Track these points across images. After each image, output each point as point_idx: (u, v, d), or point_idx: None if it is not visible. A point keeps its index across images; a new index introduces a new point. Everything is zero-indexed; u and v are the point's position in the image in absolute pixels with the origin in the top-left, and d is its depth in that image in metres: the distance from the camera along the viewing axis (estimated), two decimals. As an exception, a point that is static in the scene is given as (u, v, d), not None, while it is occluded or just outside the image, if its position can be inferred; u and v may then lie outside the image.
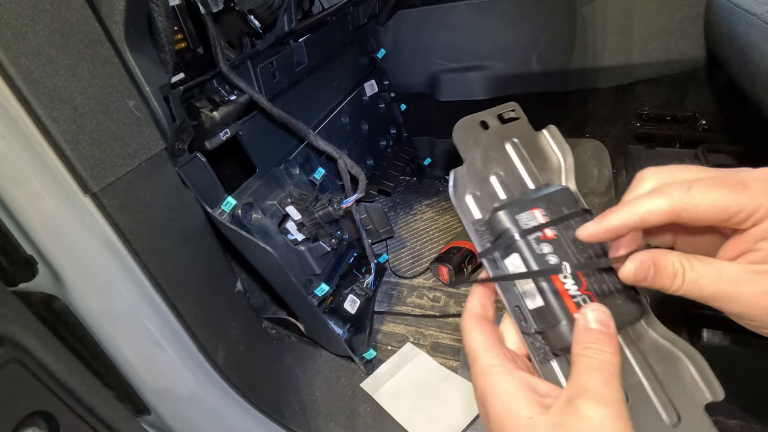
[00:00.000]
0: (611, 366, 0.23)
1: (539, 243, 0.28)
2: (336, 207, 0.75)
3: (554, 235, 0.28)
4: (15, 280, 0.51)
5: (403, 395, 0.73)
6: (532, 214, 0.28)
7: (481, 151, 0.33)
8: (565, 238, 0.28)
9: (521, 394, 0.24)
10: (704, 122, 1.10)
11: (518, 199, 0.30)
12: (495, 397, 0.24)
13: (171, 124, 0.53)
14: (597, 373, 0.23)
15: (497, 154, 0.33)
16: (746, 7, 0.67)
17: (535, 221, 0.28)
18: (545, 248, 0.27)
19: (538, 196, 0.29)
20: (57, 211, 0.46)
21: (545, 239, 0.28)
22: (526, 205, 0.29)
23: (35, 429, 0.31)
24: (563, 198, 0.29)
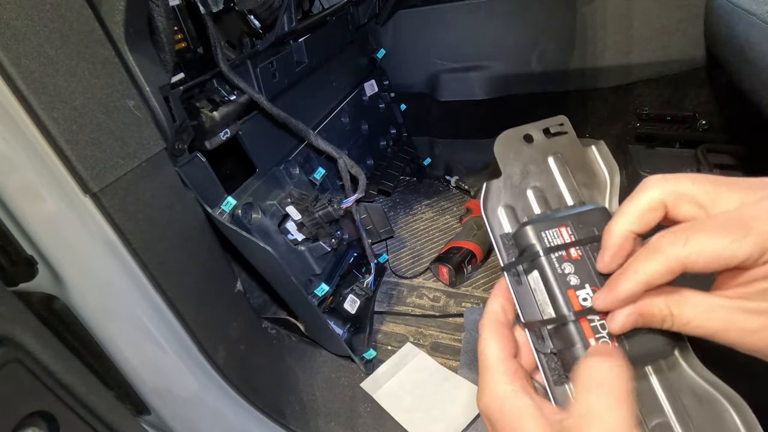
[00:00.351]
0: (618, 380, 0.21)
1: (562, 263, 0.27)
2: (336, 207, 0.75)
3: (578, 256, 0.27)
4: (15, 280, 0.51)
5: (403, 395, 0.73)
6: (559, 232, 0.28)
7: (521, 165, 0.32)
8: (590, 260, 0.27)
9: (532, 418, 0.23)
10: (704, 122, 1.10)
11: (548, 216, 0.29)
12: (504, 416, 0.24)
13: (171, 124, 0.53)
14: (602, 391, 0.21)
15: (538, 168, 0.32)
16: (746, 7, 0.67)
17: (561, 239, 0.27)
18: (567, 268, 0.27)
19: (569, 213, 0.28)
20: (57, 211, 0.46)
21: (569, 259, 0.27)
22: (554, 223, 0.28)
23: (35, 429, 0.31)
24: (596, 218, 0.28)
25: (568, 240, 0.27)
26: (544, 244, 0.28)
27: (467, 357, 0.79)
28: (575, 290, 0.26)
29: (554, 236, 0.28)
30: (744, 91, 0.75)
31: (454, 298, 0.95)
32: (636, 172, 1.13)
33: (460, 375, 0.76)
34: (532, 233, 0.28)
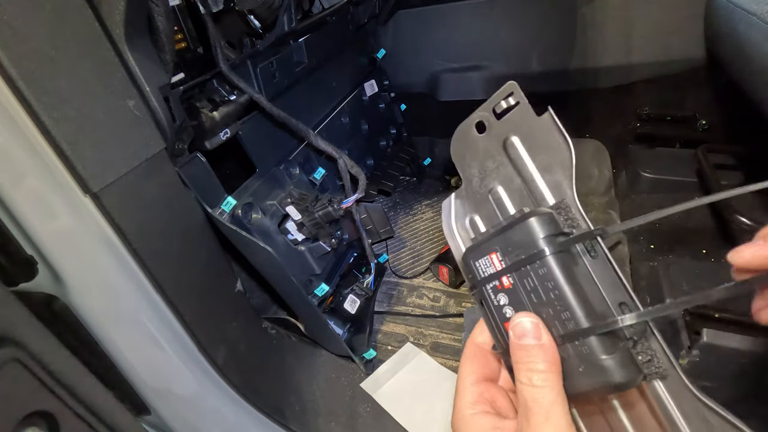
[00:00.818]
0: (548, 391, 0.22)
1: (497, 293, 0.26)
2: (336, 207, 0.75)
3: (510, 284, 0.25)
4: (15, 280, 0.51)
5: (403, 395, 0.73)
6: (490, 260, 0.26)
7: (479, 164, 0.30)
8: (522, 287, 0.25)
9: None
10: (704, 122, 1.10)
11: (486, 238, 0.27)
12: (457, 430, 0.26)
13: (171, 124, 0.53)
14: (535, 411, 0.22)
15: (496, 162, 0.29)
16: (746, 7, 0.67)
17: (493, 268, 0.26)
18: (501, 299, 0.26)
19: (499, 235, 0.26)
20: (57, 211, 0.46)
21: (502, 288, 0.26)
22: (485, 249, 0.26)
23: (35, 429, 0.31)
24: (526, 236, 0.25)
25: (499, 267, 0.26)
26: (479, 274, 0.27)
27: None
28: (510, 323, 0.25)
29: (486, 265, 0.26)
30: (744, 91, 0.75)
31: (454, 298, 0.95)
32: (636, 172, 1.13)
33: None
34: (470, 263, 0.27)
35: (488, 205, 0.29)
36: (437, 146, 1.40)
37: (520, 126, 0.29)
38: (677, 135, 1.14)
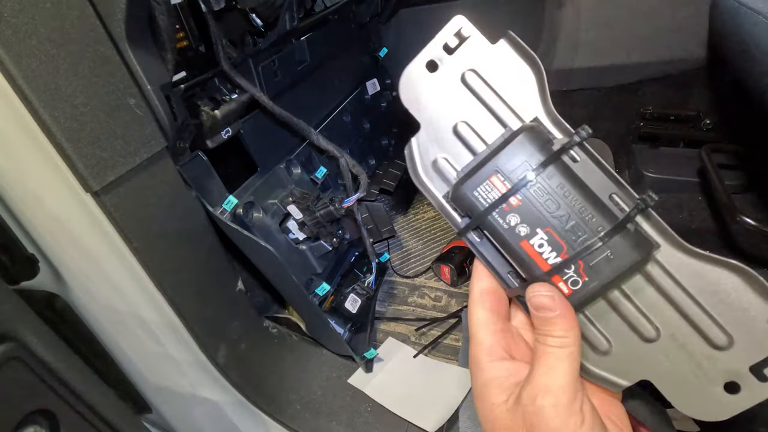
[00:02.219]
0: (568, 358, 0.24)
1: (505, 216, 0.25)
2: (337, 206, 0.75)
3: (519, 202, 0.25)
4: (17, 278, 0.51)
5: (394, 387, 0.73)
6: (492, 184, 0.26)
7: (436, 103, 0.28)
8: (531, 201, 0.25)
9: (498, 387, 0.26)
10: (708, 122, 1.09)
11: (476, 166, 0.27)
12: (477, 383, 0.27)
13: (172, 122, 0.53)
14: (556, 372, 0.24)
15: (456, 97, 0.28)
16: (751, 6, 0.67)
17: (496, 192, 0.26)
18: (512, 220, 0.25)
19: (496, 155, 0.26)
20: (58, 210, 0.46)
21: (511, 209, 0.25)
22: (483, 175, 0.26)
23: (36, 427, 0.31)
24: (524, 148, 0.25)
25: (503, 190, 0.26)
26: (481, 203, 0.26)
27: (466, 357, 0.78)
28: (527, 240, 0.25)
29: (488, 190, 0.26)
30: (749, 90, 0.75)
31: (455, 298, 0.95)
32: (639, 172, 1.12)
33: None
34: (467, 195, 0.26)
35: (454, 143, 0.28)
36: (439, 145, 1.40)
37: (476, 58, 0.28)
38: (681, 134, 1.13)
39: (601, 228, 0.25)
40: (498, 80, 0.28)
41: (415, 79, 0.29)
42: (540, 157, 0.25)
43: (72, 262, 0.50)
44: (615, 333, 0.27)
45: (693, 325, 0.26)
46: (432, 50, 0.28)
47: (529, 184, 0.25)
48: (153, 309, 0.55)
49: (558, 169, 0.25)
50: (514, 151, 0.26)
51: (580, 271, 0.25)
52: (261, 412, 0.68)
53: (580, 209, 0.25)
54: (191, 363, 0.61)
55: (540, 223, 0.25)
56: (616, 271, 0.25)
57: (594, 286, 0.25)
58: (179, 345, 0.59)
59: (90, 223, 0.47)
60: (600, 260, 0.25)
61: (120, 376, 0.63)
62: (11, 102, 0.39)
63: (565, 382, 0.24)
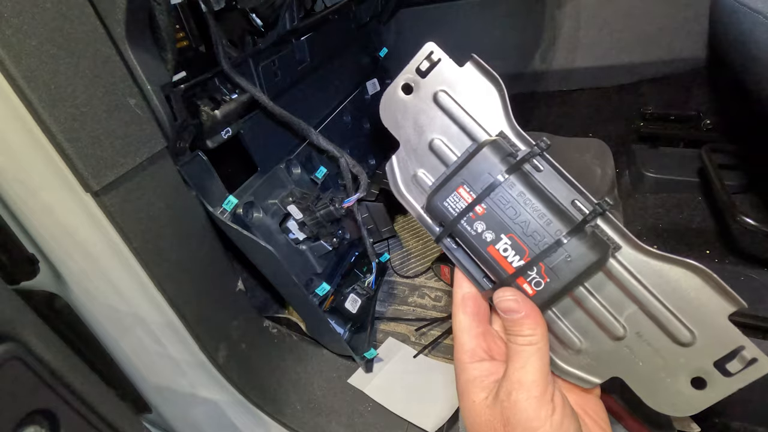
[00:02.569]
0: (536, 354, 0.26)
1: (472, 223, 0.28)
2: (337, 206, 0.75)
3: (484, 210, 0.28)
4: (17, 278, 0.51)
5: (395, 387, 0.73)
6: (459, 195, 0.28)
7: (411, 123, 0.31)
8: (495, 210, 0.27)
9: (479, 386, 0.28)
10: (708, 122, 1.09)
11: (445, 179, 0.29)
12: (459, 382, 0.30)
13: (172, 122, 0.53)
14: (527, 368, 0.26)
15: (429, 116, 0.31)
16: (751, 6, 0.67)
17: (463, 202, 0.28)
18: (479, 227, 0.28)
19: (461, 168, 0.28)
20: (58, 210, 0.46)
21: (477, 217, 0.28)
22: (451, 186, 0.28)
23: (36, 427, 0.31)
24: (486, 161, 0.28)
25: (469, 200, 0.28)
26: (450, 213, 0.28)
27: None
28: (493, 245, 0.28)
29: (456, 201, 0.28)
30: (749, 90, 0.75)
31: (455, 298, 0.95)
32: (639, 172, 1.12)
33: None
34: (437, 205, 0.29)
35: (430, 157, 0.31)
36: (439, 145, 1.40)
37: (445, 79, 0.31)
38: (681, 134, 1.13)
39: (558, 231, 0.27)
40: (466, 98, 0.31)
41: (393, 102, 0.32)
42: (501, 168, 0.28)
43: (72, 262, 0.50)
44: (584, 331, 0.29)
45: (657, 322, 0.27)
46: (406, 74, 0.32)
47: (492, 193, 0.27)
48: (153, 309, 0.55)
49: (518, 179, 0.27)
50: (477, 164, 0.28)
51: (542, 272, 0.27)
52: (261, 412, 0.68)
53: (539, 215, 0.27)
54: (191, 363, 0.61)
55: (504, 229, 0.27)
56: (575, 271, 0.26)
57: (555, 286, 0.27)
58: (179, 345, 0.59)
59: (90, 223, 0.47)
60: (559, 262, 0.26)
61: (120, 376, 0.63)
62: (11, 102, 0.39)
63: (537, 377, 0.26)
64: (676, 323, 0.27)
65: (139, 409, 0.69)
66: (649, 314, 0.27)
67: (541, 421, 0.25)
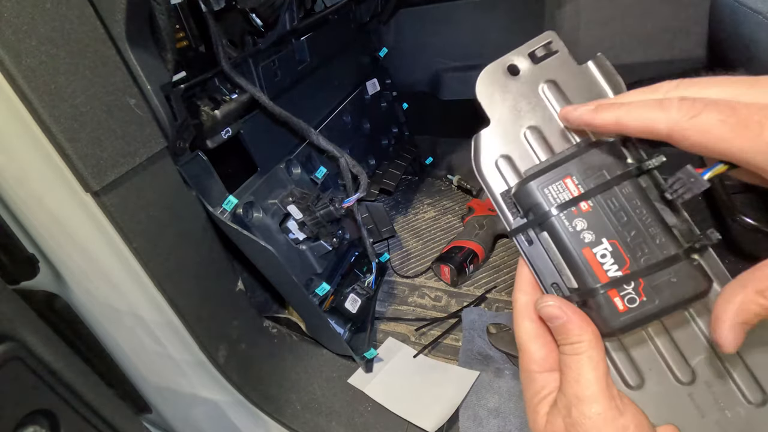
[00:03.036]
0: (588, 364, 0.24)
1: (572, 219, 0.25)
2: (337, 206, 0.75)
3: (589, 208, 0.25)
4: (17, 278, 0.51)
5: (394, 387, 0.73)
6: (564, 185, 0.25)
7: (510, 104, 0.28)
8: (603, 210, 0.24)
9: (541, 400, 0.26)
10: (708, 122, 1.09)
11: (548, 167, 0.26)
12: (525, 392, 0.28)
13: (172, 122, 0.53)
14: (582, 382, 0.24)
15: (530, 103, 0.28)
16: (752, 6, 0.67)
17: (568, 193, 0.25)
18: (578, 224, 0.25)
19: (572, 159, 0.25)
20: (58, 210, 0.46)
21: (579, 213, 0.25)
22: (557, 174, 0.25)
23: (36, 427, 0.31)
24: (604, 159, 0.25)
25: (576, 192, 0.25)
26: (549, 202, 0.25)
27: (465, 356, 0.79)
28: (591, 248, 0.24)
29: (559, 190, 0.25)
30: (749, 90, 0.75)
31: (455, 298, 0.95)
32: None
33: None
34: (535, 191, 0.26)
35: (522, 144, 0.28)
36: (439, 145, 1.40)
37: (559, 72, 0.29)
38: (681, 134, 1.13)
39: (667, 251, 0.24)
40: (578, 98, 0.28)
41: (495, 78, 0.29)
42: (618, 170, 0.25)
43: (72, 262, 0.50)
44: (647, 365, 0.26)
45: (730, 375, 0.25)
46: (517, 55, 0.29)
47: (605, 192, 0.25)
48: (153, 309, 0.55)
49: (634, 186, 0.25)
50: (592, 159, 0.25)
51: (639, 289, 0.24)
52: (261, 412, 0.68)
53: (649, 228, 0.24)
54: (191, 363, 0.61)
55: (607, 233, 0.24)
56: (677, 297, 0.24)
57: (650, 307, 0.24)
58: (179, 345, 0.59)
59: (90, 223, 0.47)
60: (662, 282, 0.24)
61: (120, 376, 0.63)
62: (11, 102, 0.39)
63: (595, 390, 0.23)
64: (750, 381, 0.24)
65: (139, 409, 0.69)
66: (724, 366, 0.25)
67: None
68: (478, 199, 1.18)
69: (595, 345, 0.24)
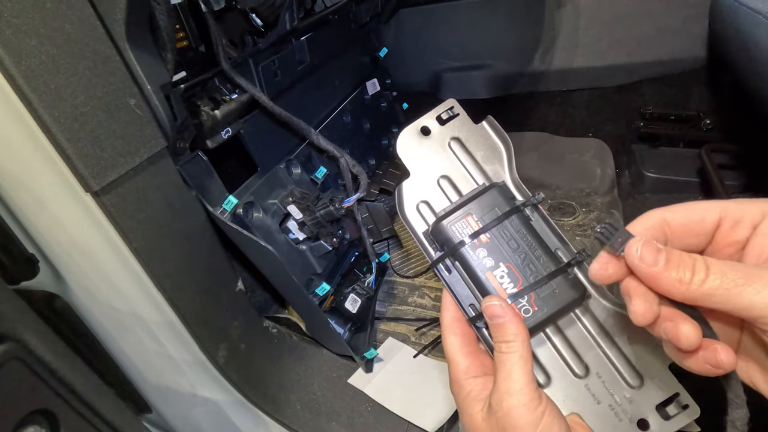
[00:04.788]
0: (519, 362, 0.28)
1: (475, 249, 0.31)
2: (337, 206, 0.75)
3: (488, 239, 0.31)
4: (17, 278, 0.51)
5: (395, 387, 0.73)
6: (467, 222, 0.32)
7: (425, 159, 0.36)
8: (498, 240, 0.31)
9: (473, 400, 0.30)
10: (708, 122, 1.09)
11: (455, 208, 0.33)
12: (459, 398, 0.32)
13: (172, 122, 0.53)
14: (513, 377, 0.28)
15: (441, 156, 0.35)
16: (751, 6, 0.67)
17: (470, 229, 0.32)
18: (481, 253, 0.31)
19: (472, 201, 0.32)
20: (58, 210, 0.46)
21: (480, 244, 0.31)
22: (461, 214, 0.32)
23: (36, 427, 0.31)
24: (495, 199, 0.32)
25: (476, 228, 0.32)
26: (456, 236, 0.32)
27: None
28: (491, 271, 0.31)
29: (463, 227, 0.32)
30: (749, 90, 0.75)
31: (455, 298, 0.95)
32: (639, 172, 1.12)
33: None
34: (445, 229, 0.32)
35: (436, 191, 0.35)
36: (439, 145, 1.40)
37: (461, 131, 0.36)
38: (681, 134, 1.13)
39: (549, 268, 0.31)
40: (476, 150, 0.36)
41: (411, 138, 0.36)
42: (507, 207, 0.32)
43: (72, 262, 0.50)
44: (552, 366, 0.32)
45: (614, 365, 0.31)
46: (427, 119, 0.36)
47: (497, 225, 0.31)
48: (153, 309, 0.55)
49: (520, 219, 0.32)
50: (487, 200, 0.32)
51: (531, 301, 0.30)
52: (261, 412, 0.68)
53: (534, 251, 0.31)
54: (191, 363, 0.61)
55: (503, 258, 0.31)
56: (560, 304, 0.30)
57: (540, 315, 0.30)
58: (179, 345, 0.59)
59: (90, 223, 0.47)
60: (547, 294, 0.30)
61: (120, 376, 0.63)
62: (11, 102, 0.39)
63: (523, 384, 0.27)
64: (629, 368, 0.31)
65: (139, 409, 0.69)
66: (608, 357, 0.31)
67: (534, 426, 0.26)
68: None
69: (527, 345, 0.29)
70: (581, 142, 1.22)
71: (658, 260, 0.22)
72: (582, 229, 1.09)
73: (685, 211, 0.25)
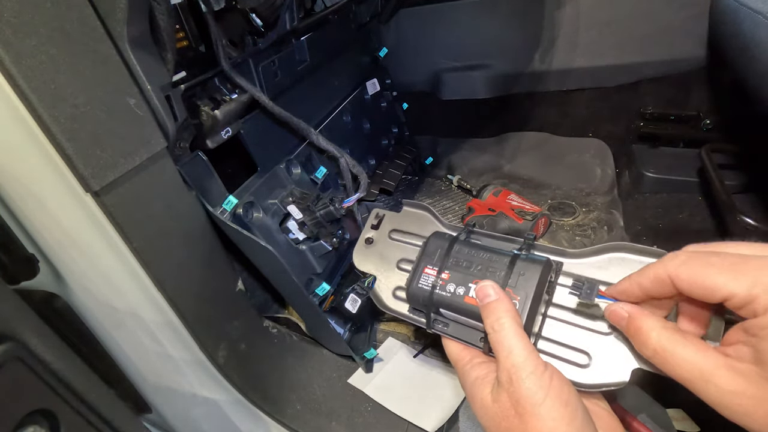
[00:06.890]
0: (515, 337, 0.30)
1: (445, 288, 0.36)
2: (337, 206, 0.75)
3: (449, 275, 0.36)
4: (16, 278, 0.51)
5: (394, 387, 0.73)
6: (427, 273, 0.37)
7: (379, 259, 0.43)
8: (456, 269, 0.36)
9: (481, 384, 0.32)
10: (708, 122, 1.09)
11: (413, 272, 0.38)
12: (466, 387, 0.33)
13: (172, 122, 0.53)
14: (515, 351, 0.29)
15: (390, 249, 0.43)
16: (752, 6, 0.67)
17: (432, 276, 0.37)
18: (450, 288, 0.35)
19: (421, 258, 0.38)
20: (58, 210, 0.46)
21: (446, 281, 0.36)
22: (419, 271, 0.37)
23: (36, 427, 0.31)
24: (435, 244, 0.38)
25: (435, 273, 0.37)
26: (426, 288, 0.37)
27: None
28: (467, 294, 0.34)
29: (426, 279, 0.37)
30: (749, 90, 0.75)
31: (455, 298, 0.95)
32: (639, 172, 1.12)
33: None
34: (415, 290, 0.37)
35: (400, 274, 0.42)
36: (439, 145, 1.40)
37: (392, 223, 0.45)
38: (681, 134, 1.13)
39: (507, 261, 0.35)
40: (410, 227, 0.44)
41: (361, 252, 0.44)
42: (446, 243, 0.38)
43: (72, 262, 0.50)
44: (582, 343, 0.33)
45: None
46: (366, 233, 0.45)
47: (448, 260, 0.36)
48: (153, 309, 0.55)
49: (462, 244, 0.37)
50: (430, 249, 0.38)
51: (512, 295, 0.33)
52: (261, 412, 0.68)
53: (489, 259, 0.35)
54: (191, 363, 0.61)
55: (468, 280, 0.35)
56: (533, 279, 0.33)
57: (525, 298, 0.33)
58: (179, 345, 0.59)
59: (90, 223, 0.47)
60: (519, 281, 0.33)
61: (120, 376, 0.63)
62: (11, 102, 0.39)
63: (525, 355, 0.29)
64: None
65: (139, 409, 0.69)
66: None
67: (544, 390, 0.28)
68: (479, 199, 1.18)
69: (518, 320, 0.31)
70: (581, 142, 1.22)
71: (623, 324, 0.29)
72: (582, 229, 1.09)
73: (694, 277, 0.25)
